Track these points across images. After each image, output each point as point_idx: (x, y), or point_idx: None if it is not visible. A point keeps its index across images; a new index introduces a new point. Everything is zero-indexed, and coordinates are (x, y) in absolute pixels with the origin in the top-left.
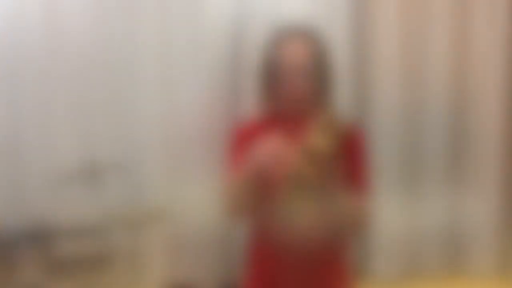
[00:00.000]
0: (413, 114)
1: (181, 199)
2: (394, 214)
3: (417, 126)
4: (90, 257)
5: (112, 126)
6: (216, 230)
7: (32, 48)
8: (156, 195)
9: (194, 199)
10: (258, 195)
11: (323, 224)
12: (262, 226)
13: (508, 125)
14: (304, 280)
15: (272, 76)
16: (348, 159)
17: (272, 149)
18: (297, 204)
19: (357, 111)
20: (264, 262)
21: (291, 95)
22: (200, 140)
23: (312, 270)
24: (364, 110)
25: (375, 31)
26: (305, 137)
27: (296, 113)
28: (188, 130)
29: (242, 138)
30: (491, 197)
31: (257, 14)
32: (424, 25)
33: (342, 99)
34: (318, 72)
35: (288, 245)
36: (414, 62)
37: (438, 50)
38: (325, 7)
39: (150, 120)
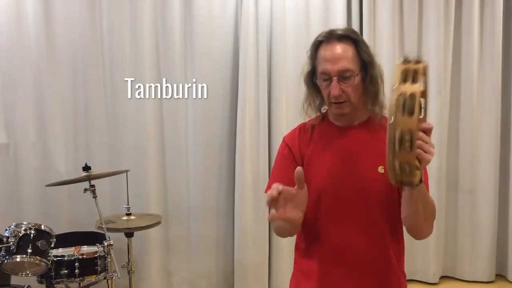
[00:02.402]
0: None
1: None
2: None
3: None
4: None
5: (108, 131)
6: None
7: (30, 52)
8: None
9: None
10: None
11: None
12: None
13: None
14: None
15: (315, 81)
16: None
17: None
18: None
19: None
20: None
21: (332, 98)
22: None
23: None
24: None
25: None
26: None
27: (343, 117)
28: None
29: (289, 146)
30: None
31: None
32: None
33: None
34: (360, 73)
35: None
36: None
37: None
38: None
39: (149, 125)
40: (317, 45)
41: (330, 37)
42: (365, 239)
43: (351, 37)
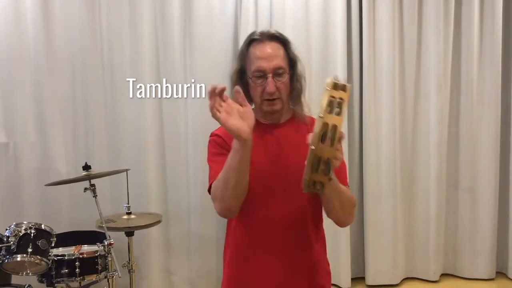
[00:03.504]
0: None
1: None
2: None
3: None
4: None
5: (108, 131)
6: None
7: (29, 52)
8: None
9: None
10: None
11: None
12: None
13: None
14: (280, 267)
15: (246, 78)
16: None
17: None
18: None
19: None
20: (242, 252)
21: (266, 95)
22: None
23: (287, 260)
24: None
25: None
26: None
27: (273, 114)
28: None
29: (222, 137)
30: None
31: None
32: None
33: None
34: (289, 72)
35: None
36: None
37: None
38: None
39: (149, 125)
40: (249, 44)
41: (263, 36)
42: (291, 232)
43: (280, 38)
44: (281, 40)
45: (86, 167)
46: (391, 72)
